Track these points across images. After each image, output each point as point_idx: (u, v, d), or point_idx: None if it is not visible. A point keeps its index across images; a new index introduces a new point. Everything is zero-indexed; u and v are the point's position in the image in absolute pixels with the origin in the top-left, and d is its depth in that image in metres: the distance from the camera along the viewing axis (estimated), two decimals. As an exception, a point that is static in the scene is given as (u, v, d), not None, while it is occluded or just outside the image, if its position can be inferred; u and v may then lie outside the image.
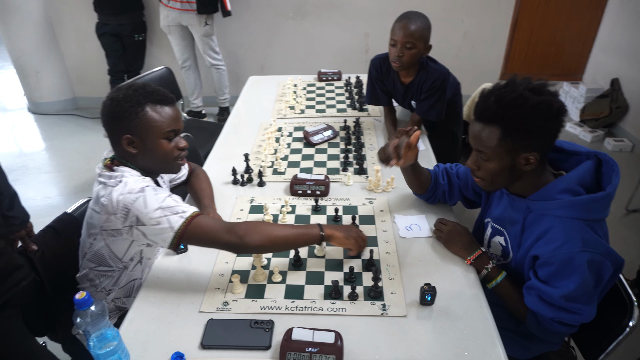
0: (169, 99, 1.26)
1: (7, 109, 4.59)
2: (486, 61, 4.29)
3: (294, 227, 1.29)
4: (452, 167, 1.55)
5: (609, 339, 1.24)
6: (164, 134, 1.25)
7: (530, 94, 1.06)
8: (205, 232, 1.18)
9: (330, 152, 1.98)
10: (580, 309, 1.12)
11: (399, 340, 1.09)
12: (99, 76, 4.20)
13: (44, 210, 2.95)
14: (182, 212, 1.18)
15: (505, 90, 1.09)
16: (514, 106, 1.06)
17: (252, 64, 4.36)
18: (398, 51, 1.85)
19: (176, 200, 1.22)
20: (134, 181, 1.21)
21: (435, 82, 1.94)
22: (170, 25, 3.67)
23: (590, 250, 1.08)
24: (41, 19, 4.01)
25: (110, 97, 1.24)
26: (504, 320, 1.27)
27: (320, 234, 1.26)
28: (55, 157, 3.73)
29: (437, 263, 1.34)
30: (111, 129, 1.25)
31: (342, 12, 4.08)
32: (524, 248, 1.21)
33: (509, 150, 1.11)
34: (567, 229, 1.10)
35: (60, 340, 1.49)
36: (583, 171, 1.14)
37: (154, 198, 1.18)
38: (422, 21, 1.83)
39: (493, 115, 1.10)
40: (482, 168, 1.19)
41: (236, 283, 1.24)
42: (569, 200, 1.11)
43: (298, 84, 2.73)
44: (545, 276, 1.13)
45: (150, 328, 1.14)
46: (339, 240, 1.28)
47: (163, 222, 1.16)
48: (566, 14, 4.07)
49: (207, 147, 2.13)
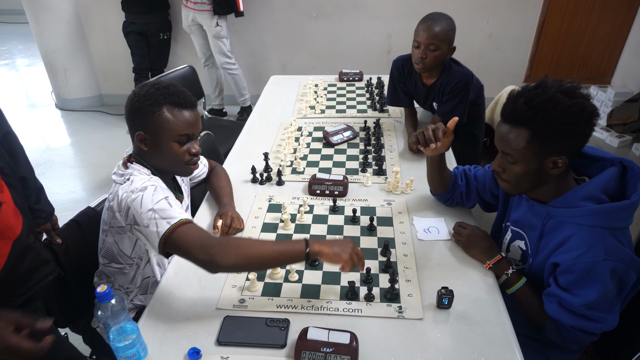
0: (188, 103, 1.25)
1: (36, 105, 4.72)
2: (511, 63, 4.21)
3: (276, 244, 1.14)
4: (471, 169, 1.53)
5: (634, 347, 1.21)
6: (175, 137, 1.24)
7: (562, 97, 1.03)
8: (183, 243, 1.11)
9: (350, 152, 1.97)
10: (601, 317, 1.10)
11: (415, 343, 1.08)
12: (125, 74, 4.29)
13: (68, 204, 3.02)
14: (171, 218, 1.14)
15: (536, 92, 1.06)
16: (544, 108, 1.04)
17: (274, 64, 4.38)
18: (421, 53, 1.82)
19: (172, 203, 1.18)
20: (139, 180, 1.22)
21: (457, 84, 1.92)
22: (190, 25, 3.74)
23: (612, 259, 1.05)
24: (71, 18, 4.11)
25: (134, 91, 1.26)
26: (524, 327, 1.25)
27: (306, 251, 1.11)
28: (80, 153, 3.82)
29: (455, 267, 1.32)
30: (130, 122, 1.27)
31: (365, 12, 4.06)
32: (543, 255, 1.19)
33: (536, 154, 1.08)
34: (589, 237, 1.08)
35: (81, 332, 1.53)
36: (607, 178, 1.11)
37: (150, 198, 1.16)
38: (447, 23, 1.81)
39: (522, 117, 1.07)
40: (507, 171, 1.16)
41: (253, 281, 1.24)
42: (592, 208, 1.08)
43: (319, 84, 2.73)
44: (566, 284, 1.11)
45: (167, 323, 1.15)
46: (328, 256, 1.12)
47: (152, 225, 1.13)
48: (596, 15, 3.97)
49: (228, 146, 2.15)
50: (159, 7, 3.84)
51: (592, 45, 4.12)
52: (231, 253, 1.09)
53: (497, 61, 4.19)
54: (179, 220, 1.14)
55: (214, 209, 1.60)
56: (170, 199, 1.20)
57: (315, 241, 1.13)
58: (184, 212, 1.20)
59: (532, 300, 1.23)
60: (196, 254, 1.10)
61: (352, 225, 1.50)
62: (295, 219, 1.53)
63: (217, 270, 1.12)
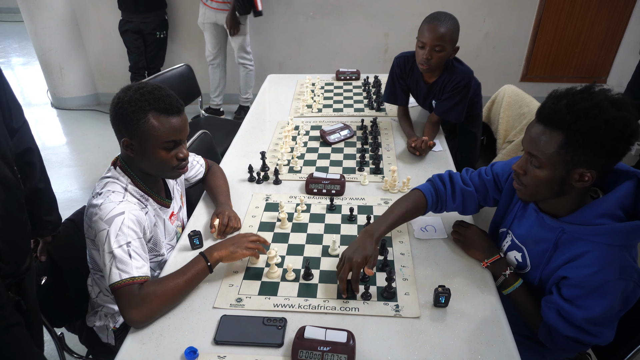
0: (174, 109, 1.22)
1: (32, 104, 4.70)
2: (507, 62, 4.22)
3: (183, 274, 1.18)
4: (468, 181, 1.39)
5: (627, 346, 1.21)
6: (162, 143, 1.22)
7: (609, 106, 0.95)
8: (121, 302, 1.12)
9: (347, 151, 1.97)
10: (599, 331, 1.08)
11: (412, 341, 1.08)
12: (121, 72, 4.27)
13: (64, 204, 3.00)
14: (124, 272, 1.13)
15: (581, 96, 0.98)
16: (587, 115, 0.96)
17: (271, 63, 4.37)
18: (427, 54, 1.81)
19: (131, 253, 1.16)
20: (109, 204, 1.19)
21: (459, 82, 1.91)
22: (205, 23, 3.75)
23: (626, 279, 1.03)
24: (67, 16, 4.09)
25: (117, 96, 1.22)
26: (520, 327, 1.25)
27: (207, 264, 1.21)
28: (76, 152, 3.81)
29: (452, 265, 1.32)
30: (115, 128, 1.25)
31: (362, 11, 4.06)
32: (552, 267, 1.15)
33: (565, 162, 1.01)
34: (605, 256, 1.04)
35: (77, 332, 1.52)
36: (624, 193, 1.05)
37: (113, 240, 1.15)
38: (452, 23, 1.80)
39: (560, 119, 0.99)
40: (529, 174, 1.08)
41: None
42: (612, 227, 1.02)
43: (316, 83, 2.73)
44: (570, 296, 1.09)
45: (164, 323, 1.15)
46: (228, 257, 1.24)
47: (107, 268, 1.14)
48: (592, 14, 3.97)
49: (225, 145, 2.15)
50: (156, 6, 3.82)
51: (588, 44, 4.13)
52: (146, 305, 1.12)
53: (493, 60, 4.20)
54: (130, 277, 1.13)
55: (211, 208, 1.59)
56: (132, 247, 1.17)
57: (212, 250, 1.24)
58: (141, 262, 1.18)
59: (528, 303, 1.22)
60: (125, 314, 1.12)
61: (349, 224, 1.50)
62: (292, 218, 1.53)
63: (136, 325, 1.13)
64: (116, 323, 1.43)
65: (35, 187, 1.36)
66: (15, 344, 1.16)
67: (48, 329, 1.40)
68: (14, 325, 1.15)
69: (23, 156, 1.33)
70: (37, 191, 1.37)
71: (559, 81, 4.21)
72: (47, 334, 1.41)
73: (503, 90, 2.44)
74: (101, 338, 1.44)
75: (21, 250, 1.23)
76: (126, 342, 1.10)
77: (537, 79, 4.28)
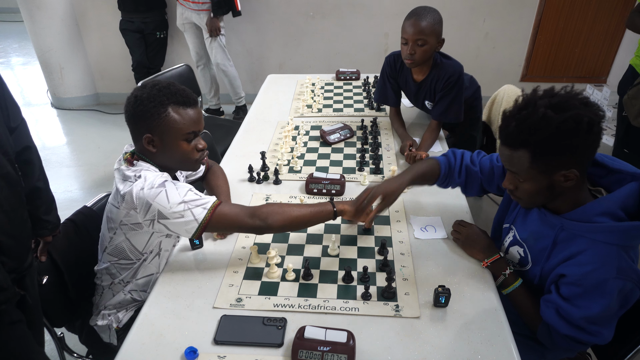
0: (191, 101, 1.27)
1: (32, 104, 4.70)
2: (507, 62, 4.23)
3: (309, 207, 1.32)
4: (475, 162, 1.43)
5: (627, 346, 1.21)
6: (184, 135, 1.25)
7: (553, 113, 0.97)
8: (229, 219, 1.24)
9: (347, 151, 1.97)
10: (598, 331, 1.08)
11: (412, 341, 1.08)
12: (121, 72, 4.27)
13: (64, 204, 3.00)
14: (204, 204, 1.22)
15: (527, 112, 1.01)
16: (537, 129, 0.99)
17: (271, 63, 4.37)
18: (410, 49, 1.79)
19: (197, 193, 1.25)
20: (153, 176, 1.23)
21: (449, 79, 1.88)
22: (185, 23, 3.73)
23: (623, 278, 1.03)
24: (67, 16, 4.09)
25: (134, 94, 1.25)
26: (520, 326, 1.25)
27: (334, 210, 1.32)
28: (76, 152, 3.80)
29: (452, 265, 1.33)
30: (133, 126, 1.27)
31: (362, 11, 4.06)
32: (551, 264, 1.16)
33: (543, 171, 1.04)
34: (604, 254, 1.04)
35: (77, 332, 1.52)
36: (626, 194, 1.05)
37: (176, 192, 1.21)
38: (432, 16, 1.77)
39: (517, 140, 1.03)
40: (519, 188, 1.12)
41: (254, 254, 1.34)
42: (610, 225, 1.03)
43: (316, 83, 2.73)
44: (568, 294, 1.09)
45: (164, 322, 1.15)
46: (350, 213, 1.36)
47: (187, 214, 1.20)
48: (592, 14, 3.98)
49: (225, 145, 2.15)
50: (155, 6, 3.83)
51: (588, 44, 4.13)
52: (279, 215, 1.25)
53: (493, 60, 4.20)
54: (214, 203, 1.24)
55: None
56: (193, 189, 1.26)
57: (339, 202, 1.36)
58: (208, 196, 1.27)
59: (527, 302, 1.22)
60: (248, 223, 1.24)
61: (349, 224, 1.50)
62: (292, 218, 1.53)
63: (268, 231, 1.27)
64: (119, 323, 1.43)
65: (34, 185, 1.36)
66: (18, 340, 1.16)
67: (48, 329, 1.41)
68: (17, 322, 1.16)
69: (22, 154, 1.33)
70: (36, 190, 1.36)
71: (558, 81, 4.21)
72: (47, 333, 1.41)
73: (503, 90, 2.44)
74: (102, 338, 1.44)
75: (24, 247, 1.23)
76: (126, 341, 1.10)
77: (537, 78, 4.28)
